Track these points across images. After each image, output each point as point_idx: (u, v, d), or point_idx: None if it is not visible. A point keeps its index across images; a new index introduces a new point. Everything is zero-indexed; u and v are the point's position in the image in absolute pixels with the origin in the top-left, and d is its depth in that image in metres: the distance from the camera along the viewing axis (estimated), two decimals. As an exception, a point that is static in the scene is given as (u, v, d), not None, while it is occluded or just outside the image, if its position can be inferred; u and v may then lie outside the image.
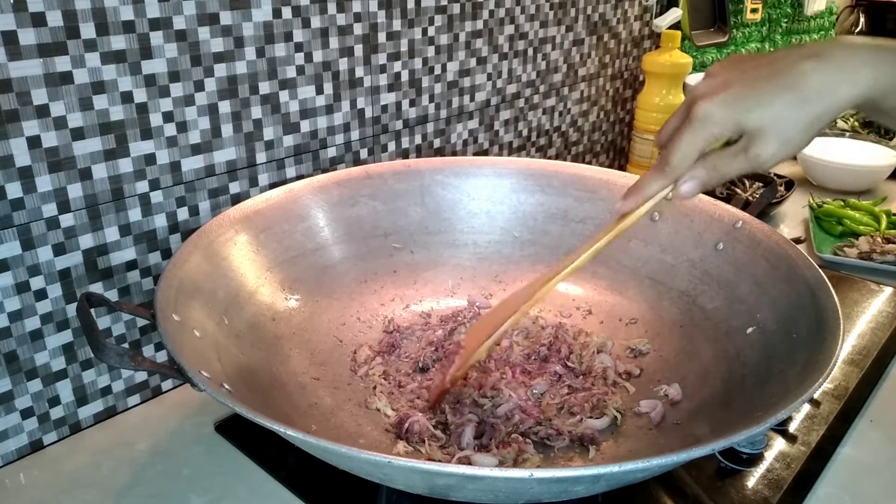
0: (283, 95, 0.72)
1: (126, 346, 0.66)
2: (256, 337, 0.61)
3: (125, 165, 0.62)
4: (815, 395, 0.68)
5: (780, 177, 1.17)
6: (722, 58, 1.39)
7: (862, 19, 1.82)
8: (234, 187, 0.71)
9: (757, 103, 0.46)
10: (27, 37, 0.53)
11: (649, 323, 0.71)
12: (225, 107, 0.67)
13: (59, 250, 0.60)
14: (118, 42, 0.58)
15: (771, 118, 0.45)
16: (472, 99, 0.93)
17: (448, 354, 0.65)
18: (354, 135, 0.80)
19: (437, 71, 0.87)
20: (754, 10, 1.41)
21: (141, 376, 0.68)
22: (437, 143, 0.91)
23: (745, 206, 0.71)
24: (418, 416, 0.59)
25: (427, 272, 0.78)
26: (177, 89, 0.63)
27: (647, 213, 0.53)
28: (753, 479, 0.59)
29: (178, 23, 0.62)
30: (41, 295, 0.59)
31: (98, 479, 0.59)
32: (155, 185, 0.64)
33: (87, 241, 0.61)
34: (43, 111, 0.56)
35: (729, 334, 0.63)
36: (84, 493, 0.58)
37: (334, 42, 0.75)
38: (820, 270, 0.58)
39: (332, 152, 0.79)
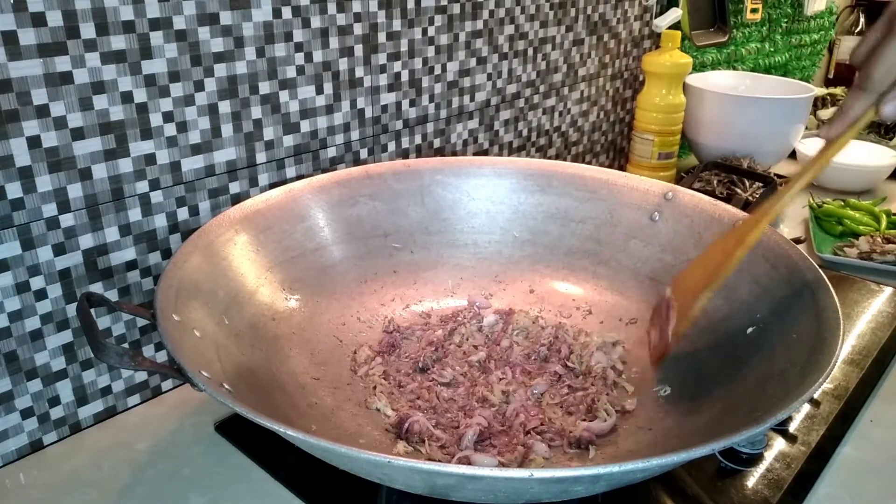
0: (283, 95, 0.72)
1: (126, 346, 0.66)
2: (256, 337, 0.61)
3: (125, 165, 0.62)
4: (815, 395, 0.68)
5: (780, 177, 1.17)
6: (722, 57, 1.39)
7: (862, 19, 1.82)
8: (234, 187, 0.71)
9: None
10: (27, 37, 0.53)
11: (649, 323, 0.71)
12: (225, 107, 0.67)
13: (59, 250, 0.60)
14: (118, 42, 0.58)
15: None
16: (472, 99, 0.93)
17: (658, 311, 0.64)
18: (354, 135, 0.80)
19: (437, 71, 0.87)
20: (754, 10, 1.41)
21: (141, 376, 0.68)
22: (437, 143, 0.91)
23: (746, 206, 0.72)
24: (418, 416, 0.59)
25: (427, 272, 0.78)
26: (177, 89, 0.63)
27: (855, 136, 0.53)
28: (753, 479, 0.59)
29: (178, 23, 0.62)
30: (41, 295, 0.59)
31: (98, 479, 0.59)
32: (155, 185, 0.64)
33: (87, 241, 0.61)
34: (43, 111, 0.56)
35: (729, 334, 0.63)
36: (84, 493, 0.58)
37: (334, 42, 0.75)
38: (820, 270, 0.58)
39: (332, 152, 0.79)
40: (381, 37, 0.79)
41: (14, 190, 0.56)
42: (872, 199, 1.14)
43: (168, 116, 0.63)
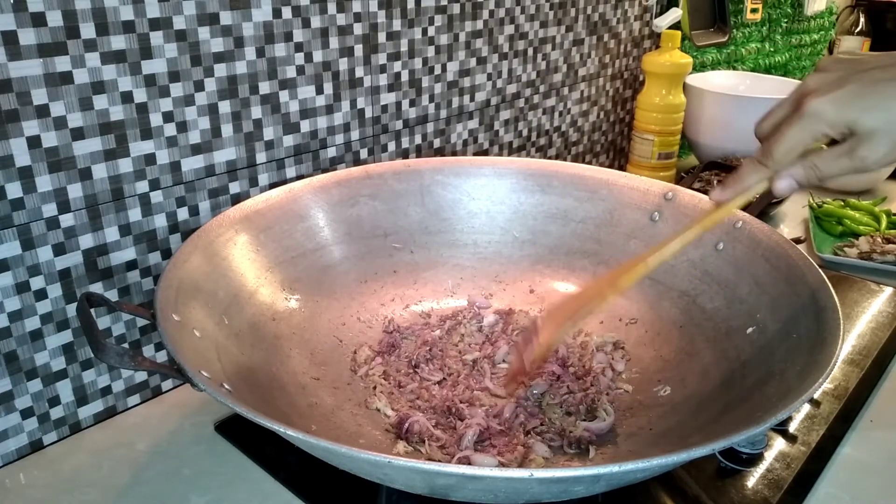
0: (283, 95, 0.72)
1: (126, 346, 0.66)
2: (256, 337, 0.61)
3: (125, 165, 0.62)
4: (815, 395, 0.68)
5: (780, 177, 1.17)
6: (722, 57, 1.39)
7: (862, 19, 1.82)
8: (234, 187, 0.71)
9: (875, 104, 0.45)
10: (27, 37, 0.53)
11: (649, 323, 0.71)
12: (225, 107, 0.67)
13: (59, 250, 0.60)
14: (118, 42, 0.58)
15: (887, 121, 0.45)
16: (472, 99, 0.93)
17: (524, 338, 0.63)
18: (354, 135, 0.80)
19: (437, 71, 0.87)
20: (754, 10, 1.41)
21: (141, 376, 0.68)
22: (437, 143, 0.91)
23: (746, 206, 0.72)
24: (418, 416, 0.59)
25: (427, 272, 0.78)
26: (177, 89, 0.63)
27: (743, 204, 0.54)
28: (753, 479, 0.59)
29: (178, 23, 0.62)
30: (41, 295, 0.59)
31: (98, 479, 0.59)
32: (155, 185, 0.64)
33: (87, 241, 0.61)
34: (43, 111, 0.56)
35: (729, 334, 0.63)
36: (84, 493, 0.58)
37: (334, 42, 0.75)
38: (820, 270, 0.58)
39: (332, 152, 0.79)
40: (381, 37, 0.79)
41: (14, 190, 0.56)
42: (872, 199, 1.14)
43: (168, 116, 0.63)
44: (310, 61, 0.73)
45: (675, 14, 1.15)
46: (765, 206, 0.77)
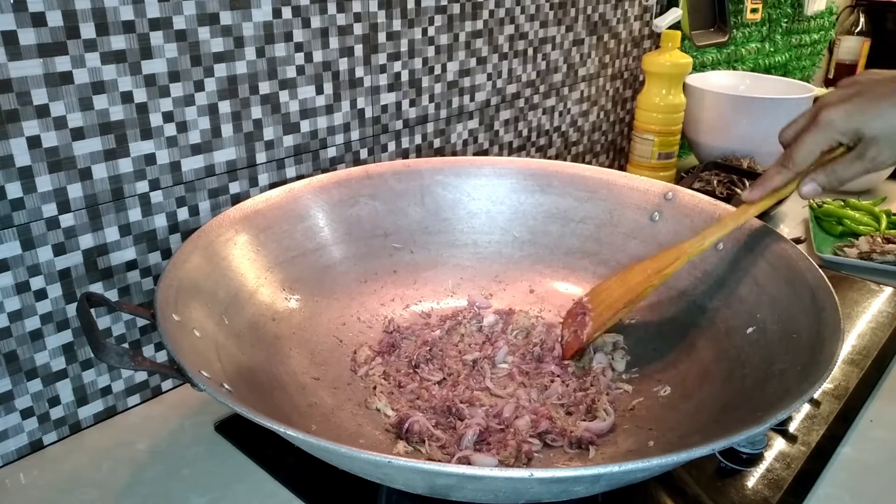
0: (283, 95, 0.72)
1: (126, 346, 0.66)
2: (256, 337, 0.61)
3: (125, 165, 0.62)
4: (815, 395, 0.68)
5: (780, 177, 1.17)
6: (722, 57, 1.39)
7: (862, 19, 1.82)
8: (234, 187, 0.71)
9: (875, 115, 0.55)
10: (27, 37, 0.53)
11: (649, 323, 0.71)
12: (225, 107, 0.67)
13: (59, 250, 0.60)
14: (118, 42, 0.58)
15: (885, 128, 0.54)
16: (472, 99, 0.93)
17: (573, 314, 0.70)
18: (354, 135, 0.80)
19: (437, 71, 0.87)
20: (754, 10, 1.41)
21: (141, 376, 0.68)
22: (437, 143, 0.91)
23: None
24: (418, 416, 0.59)
25: (427, 272, 0.78)
26: (177, 89, 0.63)
27: (771, 204, 0.63)
28: (753, 479, 0.59)
29: (178, 23, 0.62)
30: (41, 295, 0.59)
31: (98, 479, 0.59)
32: (155, 185, 0.64)
33: (87, 241, 0.61)
34: (43, 111, 0.56)
35: (729, 334, 0.63)
36: (84, 493, 0.58)
37: (334, 42, 0.75)
38: (820, 270, 0.58)
39: (332, 152, 0.79)
40: (381, 37, 0.79)
41: (14, 190, 0.56)
42: (872, 199, 1.15)
43: (168, 116, 0.63)
44: (310, 61, 0.73)
45: (675, 14, 1.15)
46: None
